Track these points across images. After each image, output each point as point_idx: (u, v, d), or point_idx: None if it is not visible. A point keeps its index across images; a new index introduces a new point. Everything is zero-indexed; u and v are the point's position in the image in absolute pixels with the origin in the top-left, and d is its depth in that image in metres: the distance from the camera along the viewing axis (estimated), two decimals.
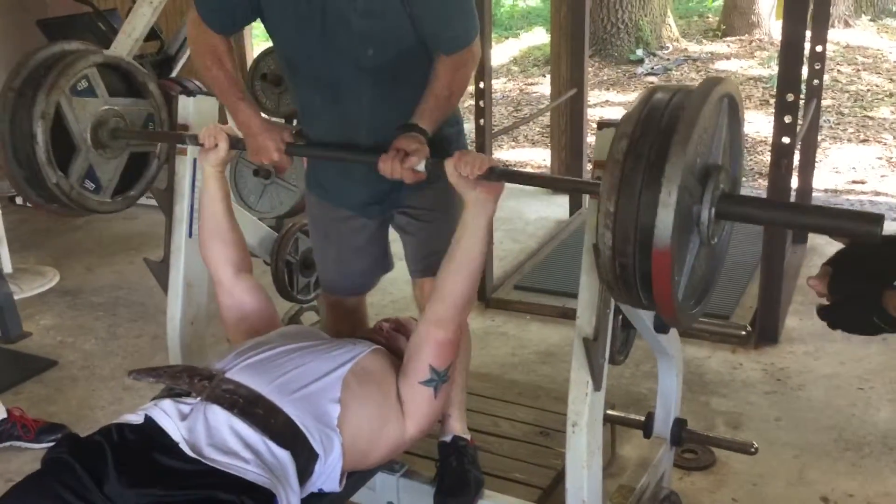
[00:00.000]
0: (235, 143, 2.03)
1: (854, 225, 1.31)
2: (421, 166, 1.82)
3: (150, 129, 2.46)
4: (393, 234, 2.29)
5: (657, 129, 1.39)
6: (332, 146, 2.07)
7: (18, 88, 2.19)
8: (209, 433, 1.69)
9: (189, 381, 1.79)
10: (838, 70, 8.07)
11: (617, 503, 2.10)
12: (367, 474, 2.07)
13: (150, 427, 1.70)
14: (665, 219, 1.33)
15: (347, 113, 2.03)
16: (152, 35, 4.65)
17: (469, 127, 3.90)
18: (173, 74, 4.95)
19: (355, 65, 1.95)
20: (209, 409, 1.72)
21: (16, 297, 3.87)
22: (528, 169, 6.39)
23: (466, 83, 2.03)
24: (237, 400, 1.74)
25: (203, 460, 1.64)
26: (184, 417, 1.71)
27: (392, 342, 2.11)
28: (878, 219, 1.28)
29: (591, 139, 5.22)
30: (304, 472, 1.76)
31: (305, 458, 1.75)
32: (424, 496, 2.15)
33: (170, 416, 1.71)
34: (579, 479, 1.89)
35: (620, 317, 1.83)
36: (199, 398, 1.75)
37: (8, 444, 2.90)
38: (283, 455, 1.71)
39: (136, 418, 1.73)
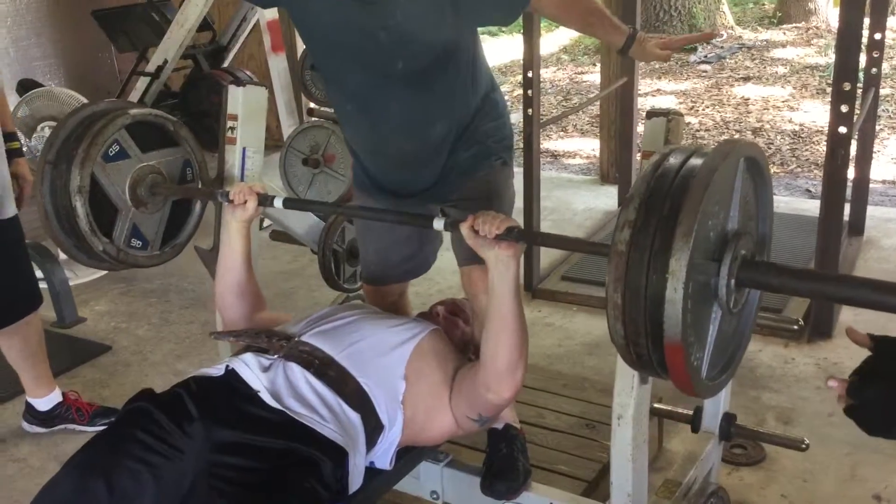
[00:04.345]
0: (263, 201, 2.02)
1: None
2: (440, 225, 1.76)
3: (188, 180, 2.43)
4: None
5: (660, 214, 1.30)
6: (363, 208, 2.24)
7: (53, 161, 2.18)
8: (289, 386, 1.77)
9: (268, 340, 1.90)
10: None
11: (663, 497, 2.08)
12: (414, 458, 2.09)
13: (232, 377, 1.78)
14: (673, 314, 1.26)
15: (376, 121, 2.08)
16: (205, 25, 4.71)
17: (517, 117, 3.90)
18: (225, 64, 5.01)
19: (383, 76, 1.99)
20: (287, 366, 1.82)
21: (71, 283, 3.95)
22: (577, 159, 6.34)
23: None
24: (313, 361, 1.83)
25: (285, 410, 1.72)
26: (264, 370, 1.80)
27: (449, 328, 2.13)
28: None
29: (641, 129, 5.15)
30: (370, 441, 1.82)
31: (373, 427, 1.82)
32: (469, 486, 2.14)
33: (250, 368, 1.80)
34: (625, 473, 1.87)
35: None
36: (276, 356, 1.84)
37: (62, 426, 2.97)
38: (355, 417, 1.79)
39: (216, 371, 1.81)
